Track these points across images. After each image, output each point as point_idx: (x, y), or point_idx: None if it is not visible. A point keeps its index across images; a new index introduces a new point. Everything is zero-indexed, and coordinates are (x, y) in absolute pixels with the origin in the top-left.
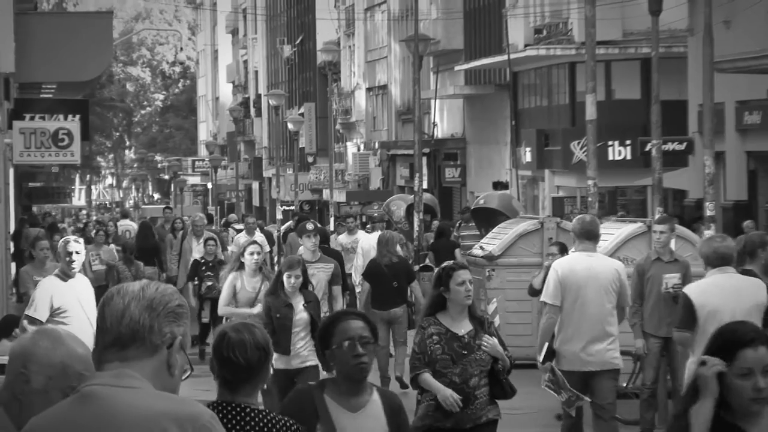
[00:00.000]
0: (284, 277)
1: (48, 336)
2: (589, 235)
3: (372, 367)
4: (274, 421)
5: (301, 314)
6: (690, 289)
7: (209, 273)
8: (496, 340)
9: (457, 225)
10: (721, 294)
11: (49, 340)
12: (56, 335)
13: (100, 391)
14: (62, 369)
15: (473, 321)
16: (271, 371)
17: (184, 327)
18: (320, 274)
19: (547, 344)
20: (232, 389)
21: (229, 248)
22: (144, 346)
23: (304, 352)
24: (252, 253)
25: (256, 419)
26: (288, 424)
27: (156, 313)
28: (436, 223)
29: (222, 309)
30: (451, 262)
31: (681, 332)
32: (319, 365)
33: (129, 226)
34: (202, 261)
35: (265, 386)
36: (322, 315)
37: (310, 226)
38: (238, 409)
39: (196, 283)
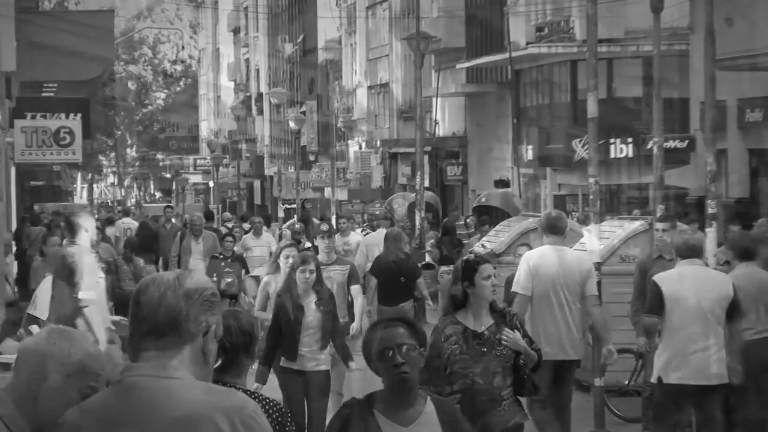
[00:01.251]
0: (297, 273)
1: (65, 335)
2: (554, 230)
3: (417, 375)
4: (257, 400)
5: (313, 315)
6: (659, 278)
7: (228, 269)
8: (518, 334)
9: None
10: (687, 284)
11: (66, 340)
12: (72, 335)
13: (145, 382)
14: (80, 368)
15: (494, 315)
16: (254, 360)
17: (218, 316)
18: (337, 276)
19: None
20: (220, 370)
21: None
22: (181, 334)
23: (320, 355)
24: (287, 257)
25: None
26: (272, 404)
27: (192, 302)
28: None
29: (256, 314)
30: (473, 255)
31: (650, 318)
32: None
33: (130, 224)
34: (221, 257)
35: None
36: (341, 320)
37: (324, 227)
38: (225, 386)
39: (215, 279)
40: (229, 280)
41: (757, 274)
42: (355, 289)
